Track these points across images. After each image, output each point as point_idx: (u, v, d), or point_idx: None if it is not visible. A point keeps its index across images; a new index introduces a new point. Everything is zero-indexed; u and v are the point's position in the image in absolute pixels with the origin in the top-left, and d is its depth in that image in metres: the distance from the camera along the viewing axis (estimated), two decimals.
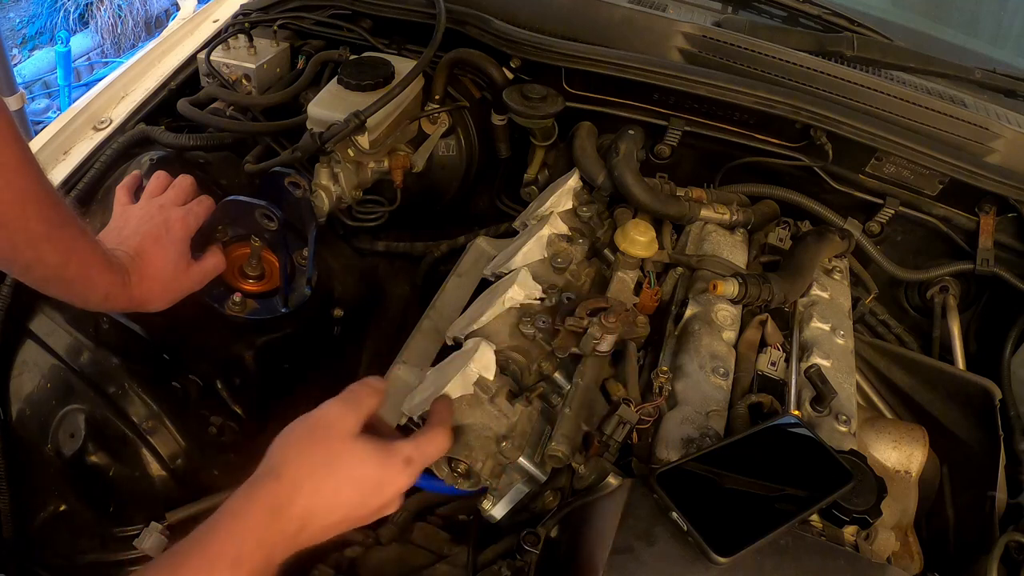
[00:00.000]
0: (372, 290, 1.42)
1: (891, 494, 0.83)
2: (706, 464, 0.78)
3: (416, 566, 0.98)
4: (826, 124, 1.19)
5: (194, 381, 1.09)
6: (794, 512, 0.74)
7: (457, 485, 0.87)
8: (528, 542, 0.83)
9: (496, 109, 1.36)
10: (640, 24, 1.34)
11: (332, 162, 1.20)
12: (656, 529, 0.74)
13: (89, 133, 1.28)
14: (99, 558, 1.06)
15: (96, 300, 0.90)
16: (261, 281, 1.18)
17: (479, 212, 1.50)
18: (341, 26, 1.40)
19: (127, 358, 1.04)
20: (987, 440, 1.08)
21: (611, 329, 0.92)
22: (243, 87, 1.35)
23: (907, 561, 0.98)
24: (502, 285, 1.01)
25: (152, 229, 0.99)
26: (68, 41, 4.75)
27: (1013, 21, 1.78)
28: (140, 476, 1.03)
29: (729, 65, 1.28)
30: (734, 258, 1.13)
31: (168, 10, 5.66)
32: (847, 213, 1.27)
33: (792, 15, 1.48)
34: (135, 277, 0.93)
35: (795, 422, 0.85)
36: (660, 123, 1.29)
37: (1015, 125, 1.29)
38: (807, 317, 1.07)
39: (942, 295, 1.31)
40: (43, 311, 1.05)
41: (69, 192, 1.15)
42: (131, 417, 1.02)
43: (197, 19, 1.58)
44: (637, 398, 0.91)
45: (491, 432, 0.88)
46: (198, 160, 1.24)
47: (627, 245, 1.09)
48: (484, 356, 0.90)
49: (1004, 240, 1.25)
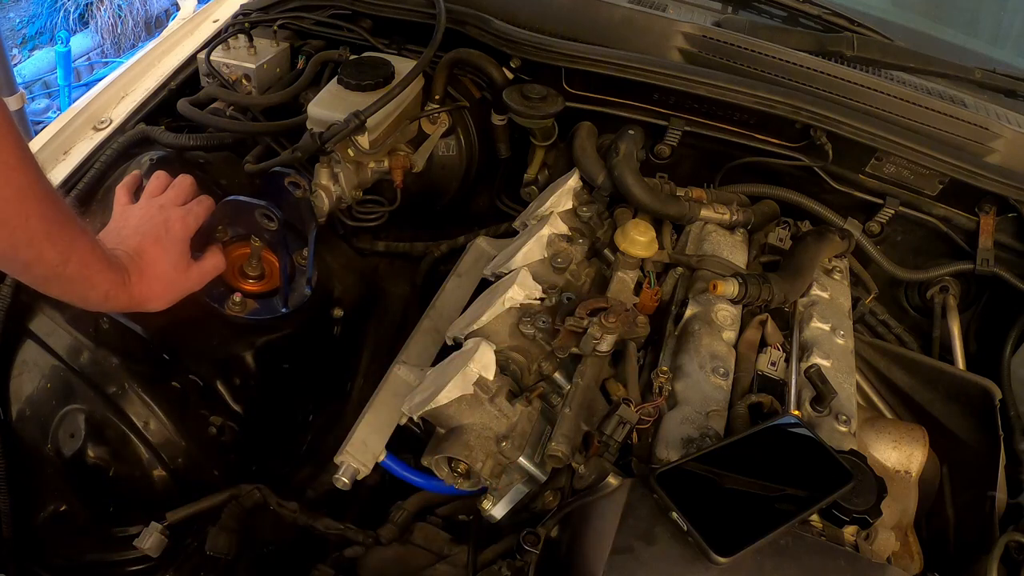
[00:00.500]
0: (372, 290, 1.42)
1: (891, 494, 0.83)
2: (706, 464, 0.78)
3: (416, 566, 0.98)
4: (826, 124, 1.19)
5: (194, 381, 1.09)
6: (794, 512, 0.74)
7: (457, 485, 0.87)
8: (528, 542, 0.83)
9: (496, 109, 1.36)
10: (640, 24, 1.34)
11: (332, 162, 1.20)
12: (656, 529, 0.74)
13: (89, 133, 1.28)
14: (99, 558, 1.06)
15: (96, 299, 0.90)
16: (261, 281, 1.18)
17: (479, 212, 1.50)
18: (341, 26, 1.40)
19: (127, 358, 1.04)
20: (987, 440, 1.08)
21: (611, 329, 0.92)
22: (243, 87, 1.35)
23: (907, 561, 0.98)
24: (502, 285, 1.01)
25: (152, 229, 0.99)
26: (68, 41, 4.74)
27: (1013, 21, 1.78)
28: (140, 476, 1.03)
29: (729, 65, 1.28)
30: (734, 258, 1.13)
31: (168, 10, 5.65)
32: (847, 213, 1.27)
33: (792, 15, 1.48)
34: (135, 277, 0.93)
35: (795, 422, 0.85)
36: (660, 123, 1.29)
37: (1015, 125, 1.29)
38: (807, 317, 1.07)
39: (942, 295, 1.31)
40: (43, 311, 1.05)
41: (69, 192, 1.15)
42: (131, 417, 1.02)
43: (197, 19, 1.58)
44: (637, 398, 0.91)
45: (491, 432, 0.88)
46: (198, 160, 1.24)
47: (627, 245, 1.09)
48: (484, 356, 0.90)
49: (1004, 240, 1.25)
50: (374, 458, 0.99)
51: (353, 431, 0.99)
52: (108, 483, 1.02)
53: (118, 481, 1.03)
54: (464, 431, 0.87)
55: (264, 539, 1.12)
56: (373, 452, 0.99)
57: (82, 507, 1.04)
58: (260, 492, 1.06)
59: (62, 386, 1.02)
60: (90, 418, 1.01)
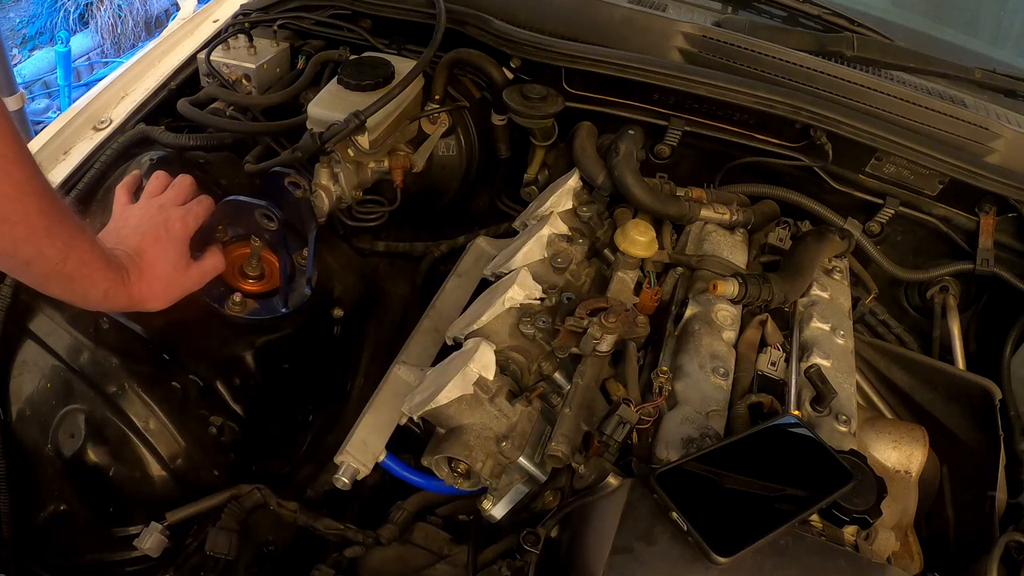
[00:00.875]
0: (372, 290, 1.42)
1: (891, 494, 0.83)
2: (706, 464, 0.78)
3: (416, 566, 0.98)
4: (826, 124, 1.19)
5: (194, 381, 1.09)
6: (794, 512, 0.74)
7: (457, 485, 0.87)
8: (528, 542, 0.83)
9: (496, 109, 1.36)
10: (640, 24, 1.34)
11: (332, 162, 1.20)
12: (656, 529, 0.74)
13: (89, 133, 1.28)
14: (99, 558, 1.06)
15: (96, 298, 0.90)
16: (261, 281, 1.18)
17: (479, 212, 1.50)
18: (341, 26, 1.40)
19: (127, 358, 1.04)
20: (987, 440, 1.08)
21: (611, 329, 0.92)
22: (243, 87, 1.35)
23: (907, 561, 0.98)
24: (502, 285, 1.01)
25: (152, 229, 0.99)
26: (68, 41, 4.74)
27: (1013, 21, 1.78)
28: (140, 476, 1.03)
29: (729, 65, 1.28)
30: (734, 258, 1.13)
31: (168, 10, 5.65)
32: (847, 213, 1.27)
33: (792, 15, 1.48)
34: (134, 276, 0.93)
35: (795, 422, 0.85)
36: (660, 123, 1.29)
37: (1015, 125, 1.29)
38: (807, 317, 1.07)
39: (942, 295, 1.31)
40: (43, 311, 1.05)
41: (69, 192, 1.15)
42: (131, 417, 1.02)
43: (197, 19, 1.58)
44: (637, 398, 0.91)
45: (491, 432, 0.88)
46: (198, 160, 1.24)
47: (627, 245, 1.09)
48: (484, 356, 0.90)
49: (1004, 240, 1.25)
50: (374, 458, 0.99)
51: (353, 431, 0.99)
52: (108, 483, 1.02)
53: (118, 481, 1.03)
54: (464, 431, 0.87)
55: (264, 539, 1.12)
56: (373, 452, 0.99)
57: (82, 507, 1.04)
58: (260, 492, 1.06)
59: (62, 386, 1.02)
60: (90, 418, 1.01)
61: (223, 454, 1.10)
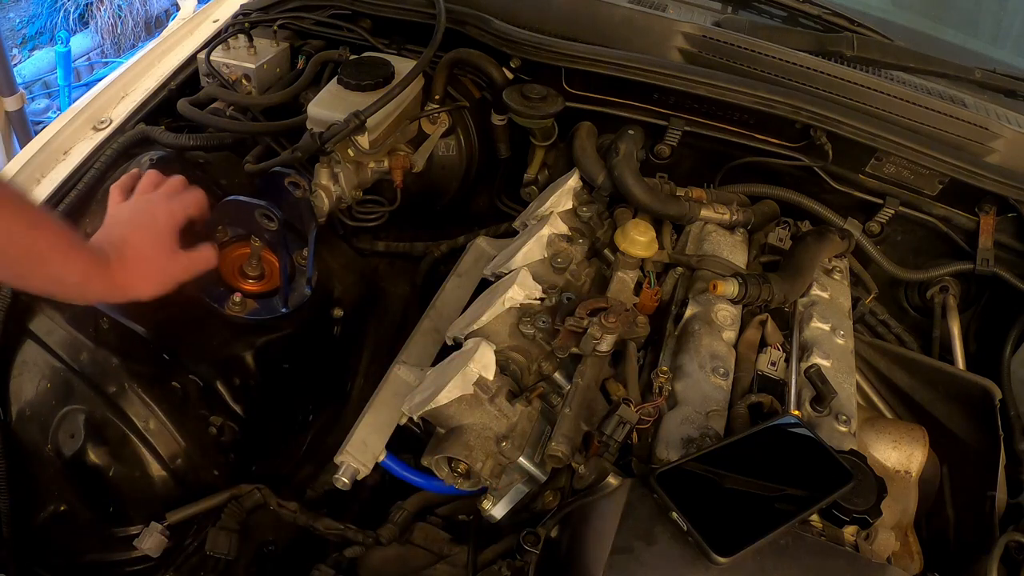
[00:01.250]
0: (372, 290, 1.42)
1: (891, 494, 0.83)
2: (706, 464, 0.78)
3: (416, 566, 0.98)
4: (826, 124, 1.19)
5: (194, 381, 1.09)
6: (794, 512, 0.74)
7: (457, 485, 0.87)
8: (528, 542, 0.83)
9: (496, 109, 1.36)
10: (640, 24, 1.34)
11: (332, 162, 1.20)
12: (656, 529, 0.74)
13: (89, 133, 1.28)
14: (99, 558, 1.06)
15: (75, 282, 0.86)
16: (261, 281, 1.18)
17: (479, 212, 1.50)
18: (341, 26, 1.40)
19: (127, 358, 1.04)
20: (987, 440, 1.08)
21: (611, 329, 0.92)
22: (243, 87, 1.35)
23: (907, 561, 0.98)
24: (502, 285, 1.01)
25: (136, 217, 0.96)
26: (68, 41, 4.74)
27: (1013, 21, 1.78)
28: (140, 476, 1.03)
29: (729, 65, 1.28)
30: (734, 258, 1.13)
31: (168, 10, 5.65)
32: (847, 213, 1.27)
33: (792, 15, 1.48)
34: (116, 262, 0.90)
35: (795, 422, 0.85)
36: (660, 123, 1.29)
37: (1015, 125, 1.29)
38: (807, 317, 1.07)
39: (942, 295, 1.31)
40: (43, 311, 1.05)
41: (69, 192, 1.15)
42: (131, 417, 1.02)
43: (197, 19, 1.58)
44: (637, 398, 0.91)
45: (491, 432, 0.88)
46: (198, 160, 1.24)
47: (627, 245, 1.09)
48: (484, 356, 0.90)
49: (1004, 240, 1.25)
50: (374, 458, 0.99)
51: (353, 431, 0.99)
52: (108, 483, 1.02)
53: (118, 481, 1.03)
54: (464, 431, 0.87)
55: (264, 539, 1.13)
56: (373, 452, 0.99)
57: (82, 507, 1.04)
58: (260, 492, 1.06)
59: (62, 386, 1.02)
60: (90, 418, 1.01)
61: (223, 454, 1.10)
